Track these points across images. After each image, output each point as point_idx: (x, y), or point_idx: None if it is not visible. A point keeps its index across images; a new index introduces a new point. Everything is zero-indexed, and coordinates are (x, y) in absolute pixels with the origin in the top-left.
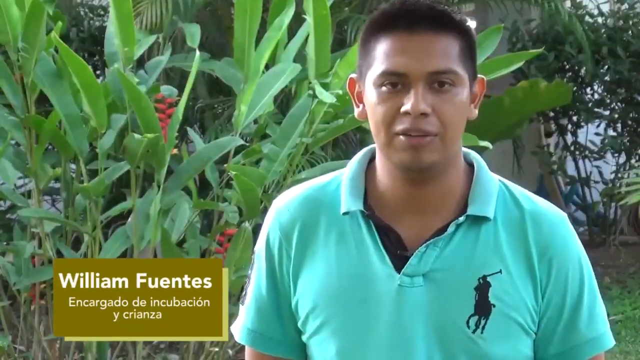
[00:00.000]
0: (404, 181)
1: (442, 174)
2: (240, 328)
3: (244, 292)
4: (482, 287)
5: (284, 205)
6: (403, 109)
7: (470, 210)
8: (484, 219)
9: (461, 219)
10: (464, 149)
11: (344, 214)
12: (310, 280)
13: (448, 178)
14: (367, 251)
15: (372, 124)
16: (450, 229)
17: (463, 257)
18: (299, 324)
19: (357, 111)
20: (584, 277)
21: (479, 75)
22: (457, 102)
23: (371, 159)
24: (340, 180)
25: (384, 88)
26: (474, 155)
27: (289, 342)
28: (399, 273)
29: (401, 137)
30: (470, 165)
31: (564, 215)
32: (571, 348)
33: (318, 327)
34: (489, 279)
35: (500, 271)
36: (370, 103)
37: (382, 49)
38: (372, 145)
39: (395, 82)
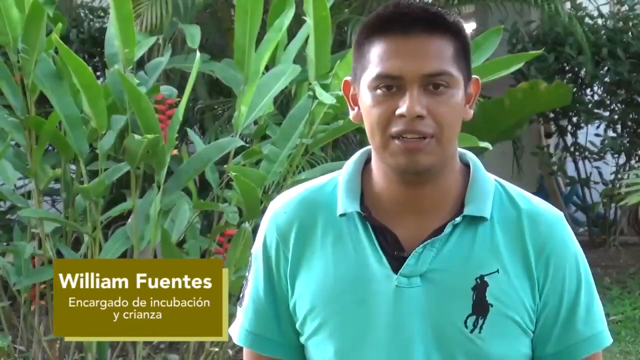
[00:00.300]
0: (400, 183)
1: (439, 175)
2: (238, 330)
3: (241, 294)
4: (480, 287)
5: (281, 206)
6: (398, 111)
7: (467, 211)
8: (481, 219)
9: (458, 219)
10: (459, 149)
11: (341, 215)
12: (308, 282)
13: (444, 179)
14: (364, 252)
15: (367, 127)
16: (447, 229)
17: (460, 257)
18: (297, 325)
19: (352, 114)
20: (581, 276)
21: (473, 76)
22: (453, 104)
23: (367, 160)
24: (337, 182)
25: (378, 91)
26: (470, 156)
27: (287, 343)
28: (396, 274)
29: (396, 140)
30: (466, 165)
31: (561, 214)
32: (569, 346)
33: (316, 329)
34: (486, 278)
35: (498, 271)
36: (365, 106)
37: (376, 51)
38: (368, 147)
39: (390, 84)
